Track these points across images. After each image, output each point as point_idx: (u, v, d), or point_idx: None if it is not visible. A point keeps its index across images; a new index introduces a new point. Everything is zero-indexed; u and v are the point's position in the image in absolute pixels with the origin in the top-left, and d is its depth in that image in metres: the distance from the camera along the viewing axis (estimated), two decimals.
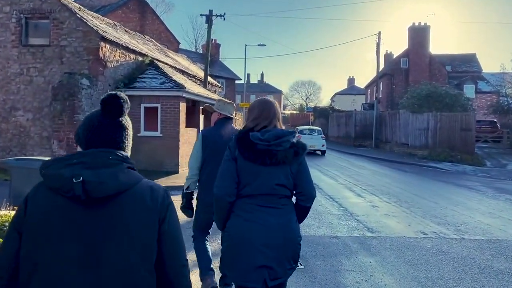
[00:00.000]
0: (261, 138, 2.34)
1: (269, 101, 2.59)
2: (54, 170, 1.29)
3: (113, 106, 1.42)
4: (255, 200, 2.39)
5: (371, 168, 18.00)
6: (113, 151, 1.37)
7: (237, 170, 2.40)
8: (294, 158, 2.39)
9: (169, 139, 12.74)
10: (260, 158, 2.33)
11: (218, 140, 3.71)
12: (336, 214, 8.32)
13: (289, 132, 2.44)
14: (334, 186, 12.08)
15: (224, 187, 2.39)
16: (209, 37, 19.30)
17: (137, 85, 13.11)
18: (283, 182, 2.39)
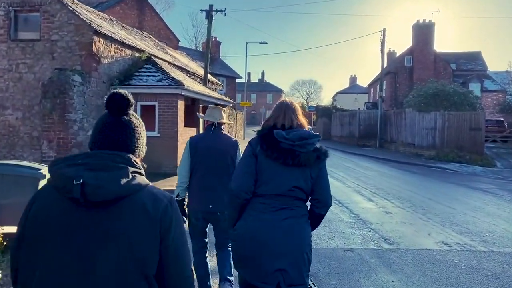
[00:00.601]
0: (285, 137, 2.27)
1: (289, 101, 2.56)
2: (59, 169, 1.27)
3: (112, 103, 1.40)
4: (270, 200, 2.31)
5: (377, 169, 17.30)
6: (119, 154, 1.33)
7: (257, 167, 2.33)
8: (316, 162, 2.32)
9: (167, 139, 12.04)
10: (283, 157, 2.26)
11: (206, 146, 3.69)
12: (347, 222, 7.62)
13: (314, 135, 2.35)
14: (342, 189, 11.38)
15: (242, 183, 2.32)
16: (209, 33, 18.60)
17: (133, 82, 12.41)
18: (301, 185, 2.32)
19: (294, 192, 2.32)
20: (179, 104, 12.31)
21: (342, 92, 66.44)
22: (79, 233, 1.23)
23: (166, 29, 31.17)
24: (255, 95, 71.72)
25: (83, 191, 1.20)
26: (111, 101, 1.41)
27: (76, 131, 10.62)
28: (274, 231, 2.28)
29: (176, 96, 12.17)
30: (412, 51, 36.64)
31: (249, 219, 2.34)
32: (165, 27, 31.09)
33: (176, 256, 1.35)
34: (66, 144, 10.33)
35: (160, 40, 25.27)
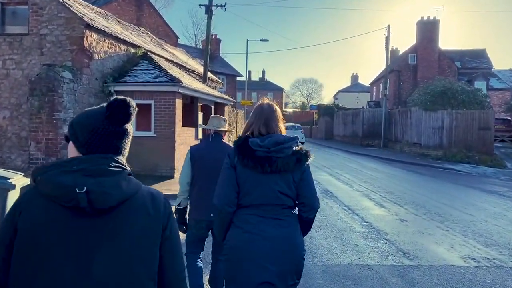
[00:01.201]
0: (260, 145, 2.23)
1: (266, 105, 2.42)
2: (53, 177, 1.22)
3: (122, 115, 1.34)
4: (256, 211, 2.26)
5: (384, 170, 16.61)
6: (113, 157, 1.32)
7: (237, 179, 2.28)
8: (297, 166, 2.26)
9: (164, 139, 11.35)
10: (260, 165, 2.22)
11: (206, 156, 3.72)
12: (360, 232, 6.93)
13: (290, 138, 2.29)
14: (350, 193, 10.69)
15: (223, 197, 2.29)
16: (209, 29, 17.91)
17: (127, 79, 11.72)
18: (285, 192, 2.26)
19: (279, 199, 2.26)
20: (177, 102, 11.62)
21: (344, 90, 65.65)
22: (82, 241, 1.20)
23: (165, 26, 30.45)
24: (255, 93, 70.88)
25: (89, 199, 1.19)
26: (120, 113, 1.34)
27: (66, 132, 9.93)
28: (260, 242, 2.22)
29: (173, 94, 11.48)
30: (416, 48, 35.89)
31: (236, 231, 2.29)
32: (164, 24, 30.38)
33: (173, 248, 1.36)
34: (55, 145, 9.64)
35: (159, 37, 24.56)
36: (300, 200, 2.34)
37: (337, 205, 9.07)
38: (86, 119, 1.36)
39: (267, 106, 2.41)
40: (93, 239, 1.21)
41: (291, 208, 2.34)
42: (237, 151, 2.30)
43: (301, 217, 2.37)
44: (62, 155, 9.77)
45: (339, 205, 9.12)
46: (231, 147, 3.90)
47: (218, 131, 3.84)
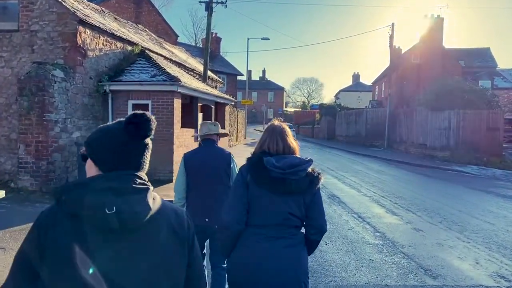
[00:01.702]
0: (275, 165, 2.20)
1: (277, 124, 2.47)
2: (79, 196, 1.20)
3: (142, 130, 1.32)
4: (264, 230, 2.24)
5: (390, 172, 16.03)
6: (136, 174, 1.31)
7: (248, 197, 2.26)
8: (309, 188, 2.26)
9: (162, 142, 10.77)
10: (274, 186, 2.21)
11: (199, 162, 3.74)
12: (374, 245, 6.35)
13: (306, 160, 2.27)
14: (359, 198, 10.11)
15: (233, 214, 2.26)
16: (209, 27, 17.33)
17: (123, 78, 11.14)
18: (295, 213, 2.25)
19: (288, 220, 2.26)
20: (175, 102, 11.05)
21: (345, 90, 65.07)
22: (112, 259, 1.19)
23: (164, 24, 29.86)
24: (256, 93, 70.46)
25: (120, 219, 1.17)
26: (140, 129, 1.31)
27: (57, 134, 9.35)
28: (268, 262, 2.21)
29: (172, 94, 10.90)
30: (420, 47, 35.25)
31: (244, 249, 2.28)
32: (163, 21, 29.78)
33: (198, 266, 1.41)
34: (46, 149, 9.06)
35: (158, 35, 23.97)
36: (309, 222, 2.33)
37: (346, 212, 8.50)
38: (105, 136, 1.34)
39: (278, 125, 2.46)
40: (124, 257, 1.21)
41: (299, 228, 2.34)
42: (251, 169, 2.28)
43: (308, 238, 2.37)
44: (52, 159, 9.20)
45: (348, 212, 8.55)
46: (225, 151, 3.85)
47: (208, 136, 3.85)
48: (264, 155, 2.29)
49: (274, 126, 2.46)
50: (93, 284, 1.16)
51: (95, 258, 1.17)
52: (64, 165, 9.63)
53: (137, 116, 1.32)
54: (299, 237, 2.33)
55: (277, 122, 2.50)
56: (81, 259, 1.17)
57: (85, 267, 1.16)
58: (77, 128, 10.11)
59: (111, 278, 1.18)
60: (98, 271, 1.17)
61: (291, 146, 2.38)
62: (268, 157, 2.26)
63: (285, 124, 2.51)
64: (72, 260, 1.16)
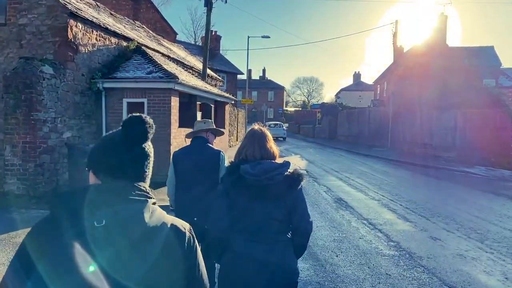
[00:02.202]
0: (250, 172, 2.22)
1: (257, 129, 2.46)
2: (71, 207, 1.16)
3: (137, 134, 1.27)
4: (249, 236, 2.27)
5: (396, 174, 15.46)
6: (135, 185, 1.23)
7: (230, 204, 2.29)
8: (289, 191, 2.26)
9: (158, 142, 10.17)
10: (251, 192, 2.23)
11: (187, 159, 3.73)
12: (390, 256, 5.78)
13: (281, 164, 2.29)
14: (367, 203, 9.53)
15: (216, 222, 2.29)
16: (209, 23, 16.74)
17: (118, 75, 10.56)
18: (278, 217, 2.26)
19: (271, 225, 2.26)
20: (173, 101, 10.46)
21: (346, 89, 64.50)
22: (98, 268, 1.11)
23: (162, 22, 29.26)
24: (256, 92, 69.90)
25: (108, 232, 1.12)
26: (134, 132, 1.26)
27: (46, 134, 8.77)
28: (251, 268, 2.22)
29: (168, 92, 10.31)
30: (423, 45, 34.68)
31: (231, 256, 2.29)
32: (162, 19, 29.18)
33: (199, 284, 1.33)
34: (34, 150, 8.47)
35: (157, 33, 23.39)
36: (293, 225, 2.33)
37: (355, 219, 7.92)
38: (102, 142, 1.32)
39: (258, 130, 2.45)
40: (112, 269, 1.13)
41: (284, 232, 2.33)
42: (229, 177, 2.30)
43: (294, 241, 2.37)
44: (41, 161, 8.62)
45: (358, 218, 7.97)
46: (216, 150, 3.80)
47: (198, 134, 3.84)
48: (242, 163, 2.30)
49: (254, 131, 2.44)
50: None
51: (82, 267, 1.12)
52: (54, 167, 9.05)
53: (131, 119, 1.27)
54: (286, 242, 2.31)
55: (257, 127, 2.49)
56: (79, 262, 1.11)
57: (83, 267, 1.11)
58: (68, 127, 9.53)
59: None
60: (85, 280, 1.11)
61: (270, 151, 2.38)
62: (245, 164, 2.27)
63: (265, 128, 2.49)
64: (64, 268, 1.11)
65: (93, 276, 1.09)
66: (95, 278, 1.09)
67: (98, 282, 1.09)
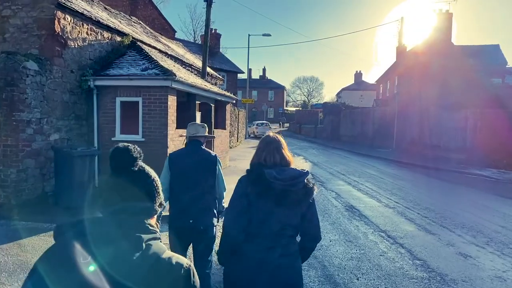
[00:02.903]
0: (277, 177, 2.27)
1: (272, 136, 2.54)
2: (66, 240, 1.17)
3: (113, 161, 1.28)
4: (263, 240, 2.30)
5: (406, 177, 14.69)
6: (128, 218, 1.19)
7: (249, 207, 2.31)
8: (304, 199, 2.34)
9: (154, 144, 9.40)
10: (276, 197, 2.27)
11: (183, 163, 3.73)
12: (418, 279, 5.00)
13: (303, 173, 2.36)
14: (382, 211, 8.75)
15: (234, 224, 2.33)
16: (209, 18, 15.94)
17: (110, 72, 9.76)
18: (293, 223, 2.34)
19: (286, 230, 2.33)
20: (170, 100, 9.67)
21: (347, 88, 63.70)
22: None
23: (161, 19, 28.46)
24: (256, 92, 69.12)
25: (95, 272, 1.11)
26: (113, 159, 1.29)
27: (30, 136, 7.98)
28: (264, 270, 2.27)
29: (165, 90, 9.52)
30: (427, 44, 33.89)
31: (242, 258, 2.33)
32: (160, 16, 28.39)
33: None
34: (16, 154, 7.68)
35: (155, 30, 22.59)
36: (304, 231, 2.40)
37: (371, 230, 7.14)
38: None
39: (273, 137, 2.51)
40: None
41: (294, 237, 2.40)
42: (253, 181, 2.32)
43: (302, 245, 2.44)
44: (24, 166, 7.83)
45: (374, 230, 7.19)
46: (211, 153, 3.85)
47: (195, 137, 3.84)
48: (262, 168, 2.33)
49: (270, 138, 2.51)
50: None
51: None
52: (40, 173, 8.26)
53: (115, 148, 1.30)
54: (295, 246, 2.39)
55: (272, 134, 2.56)
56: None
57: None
58: (55, 129, 8.73)
59: None
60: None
61: (287, 158, 2.44)
62: (269, 170, 2.30)
63: (280, 136, 2.55)
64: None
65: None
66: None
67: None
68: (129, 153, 1.27)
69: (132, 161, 1.26)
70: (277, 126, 60.39)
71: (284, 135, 36.60)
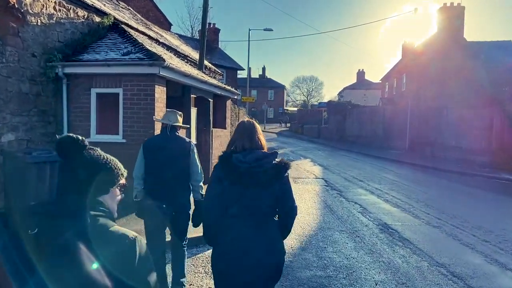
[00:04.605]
0: (242, 160, 2.37)
1: (247, 122, 2.61)
2: (30, 216, 1.30)
3: (60, 150, 1.38)
4: (241, 220, 2.39)
5: (433, 184, 12.85)
6: (76, 198, 1.31)
7: (223, 191, 2.41)
8: (277, 178, 2.40)
9: (138, 147, 7.51)
10: (243, 179, 2.36)
11: (159, 148, 3.83)
12: None
13: (270, 154, 2.45)
14: (426, 232, 6.87)
15: (211, 206, 2.44)
16: (207, 3, 14.05)
17: (84, 57, 7.88)
18: (267, 202, 2.40)
19: (261, 209, 2.39)
20: (158, 91, 7.79)
21: (350, 87, 61.86)
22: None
23: (156, 11, 26.57)
24: (255, 91, 67.31)
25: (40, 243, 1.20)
26: (60, 149, 1.39)
27: None
28: (246, 248, 2.34)
29: (152, 79, 7.65)
30: (437, 39, 32.09)
31: (224, 238, 2.40)
32: (155, 8, 26.50)
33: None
34: None
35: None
36: (280, 209, 2.48)
37: (426, 264, 5.28)
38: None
39: (248, 123, 2.58)
40: (51, 279, 1.21)
41: (272, 215, 2.48)
42: (222, 166, 2.43)
43: (280, 222, 2.52)
44: None
45: (430, 263, 5.32)
46: (186, 140, 4.05)
47: (173, 125, 3.95)
48: (234, 153, 2.43)
49: (244, 123, 2.58)
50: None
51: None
52: None
53: (61, 138, 1.39)
54: (273, 224, 2.47)
55: (246, 119, 2.65)
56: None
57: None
58: (9, 128, 6.85)
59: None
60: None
61: (259, 142, 2.50)
62: (237, 154, 2.41)
63: (254, 120, 2.62)
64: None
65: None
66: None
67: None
68: (74, 140, 1.36)
69: (78, 148, 1.35)
70: (277, 126, 58.57)
71: (286, 135, 34.70)
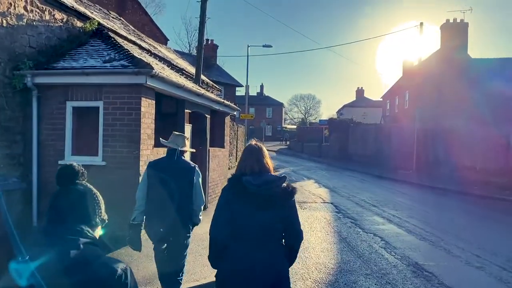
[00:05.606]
0: (253, 183, 2.40)
1: (254, 145, 2.66)
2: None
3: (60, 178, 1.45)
4: (248, 242, 2.40)
5: (454, 208, 11.63)
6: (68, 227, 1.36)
7: (231, 213, 2.43)
8: (284, 202, 2.46)
9: (120, 171, 6.29)
10: (252, 201, 2.40)
11: (163, 171, 3.81)
12: None
13: (279, 178, 2.50)
14: (468, 276, 5.61)
15: (218, 229, 2.45)
16: (204, 11, 13.02)
17: (59, 65, 6.73)
18: (274, 225, 2.43)
19: (268, 232, 2.41)
20: (145, 104, 6.62)
21: (349, 105, 61.05)
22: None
23: (151, 25, 25.66)
24: (253, 109, 66.48)
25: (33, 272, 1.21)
26: (59, 180, 1.47)
27: None
28: (252, 271, 2.35)
29: (138, 90, 6.48)
30: (441, 56, 31.34)
31: (231, 261, 2.41)
32: (151, 22, 25.60)
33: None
34: None
35: None
36: (287, 232, 2.51)
37: None
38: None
39: (255, 146, 2.63)
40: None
41: (279, 239, 2.51)
42: (232, 188, 2.48)
43: (288, 247, 2.55)
44: None
45: None
46: (191, 164, 4.03)
47: (181, 150, 3.96)
48: (243, 176, 2.47)
49: (252, 147, 2.63)
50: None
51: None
52: None
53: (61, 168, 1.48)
54: (280, 247, 2.50)
55: (254, 142, 2.69)
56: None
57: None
58: None
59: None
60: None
61: (266, 166, 2.55)
62: (247, 176, 2.44)
63: (261, 143, 2.68)
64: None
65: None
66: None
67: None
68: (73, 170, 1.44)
69: (71, 179, 1.43)
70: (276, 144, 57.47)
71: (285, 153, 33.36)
